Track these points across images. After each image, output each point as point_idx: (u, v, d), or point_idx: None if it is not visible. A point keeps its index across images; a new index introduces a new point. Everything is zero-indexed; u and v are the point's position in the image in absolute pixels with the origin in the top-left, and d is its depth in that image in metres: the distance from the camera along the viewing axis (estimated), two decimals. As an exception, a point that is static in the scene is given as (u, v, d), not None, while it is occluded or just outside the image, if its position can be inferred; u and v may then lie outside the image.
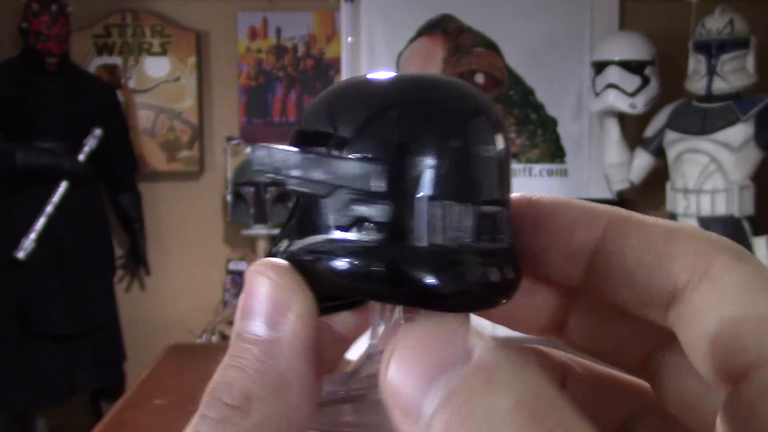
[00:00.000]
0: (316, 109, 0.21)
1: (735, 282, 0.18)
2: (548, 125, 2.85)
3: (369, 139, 0.19)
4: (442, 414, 0.15)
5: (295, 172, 0.20)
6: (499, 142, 0.20)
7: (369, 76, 0.21)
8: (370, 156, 0.19)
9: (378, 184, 0.19)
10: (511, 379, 0.15)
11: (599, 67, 2.54)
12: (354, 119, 0.20)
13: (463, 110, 0.20)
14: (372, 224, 0.19)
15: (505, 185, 0.20)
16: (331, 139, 0.20)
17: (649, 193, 2.76)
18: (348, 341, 0.23)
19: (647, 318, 0.21)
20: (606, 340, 0.23)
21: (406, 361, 0.16)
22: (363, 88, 0.21)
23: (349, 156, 0.19)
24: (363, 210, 0.19)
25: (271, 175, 0.21)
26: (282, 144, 0.21)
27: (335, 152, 0.20)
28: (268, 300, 0.19)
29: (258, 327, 0.19)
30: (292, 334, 0.19)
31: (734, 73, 2.30)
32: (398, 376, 0.16)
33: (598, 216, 0.21)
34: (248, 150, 0.21)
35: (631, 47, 2.52)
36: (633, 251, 0.20)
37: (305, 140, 0.20)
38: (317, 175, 0.20)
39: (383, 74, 0.21)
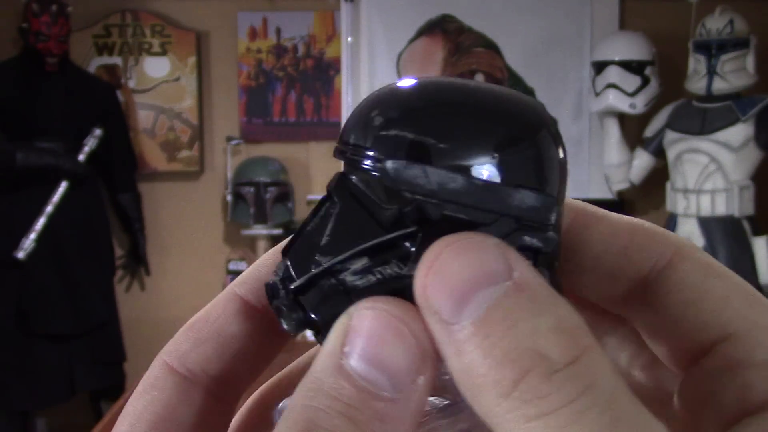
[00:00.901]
0: (452, 128, 0.20)
1: (692, 270, 0.20)
2: (548, 125, 2.85)
3: (539, 171, 0.20)
4: (482, 326, 0.16)
5: (456, 198, 0.19)
6: None
7: (503, 93, 0.21)
8: (538, 187, 0.20)
9: (552, 217, 0.19)
10: (552, 301, 0.17)
11: (599, 67, 2.54)
12: (519, 150, 0.20)
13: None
14: (535, 255, 0.19)
15: None
16: (491, 167, 0.19)
17: (649, 193, 2.76)
18: None
19: (607, 305, 0.22)
20: None
21: (448, 269, 0.17)
22: (507, 110, 0.20)
23: (521, 187, 0.19)
24: (529, 241, 0.19)
25: (420, 198, 0.19)
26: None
27: (500, 180, 0.19)
28: (403, 356, 0.17)
29: (380, 379, 0.17)
30: (417, 401, 0.17)
31: (734, 73, 2.30)
32: (439, 283, 0.17)
33: (566, 207, 0.22)
34: (392, 165, 0.20)
35: (631, 47, 2.52)
36: (599, 241, 0.21)
37: (443, 159, 0.19)
38: (485, 203, 0.19)
39: (516, 94, 0.21)
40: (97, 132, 2.55)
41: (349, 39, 2.85)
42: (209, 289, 2.89)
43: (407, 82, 0.22)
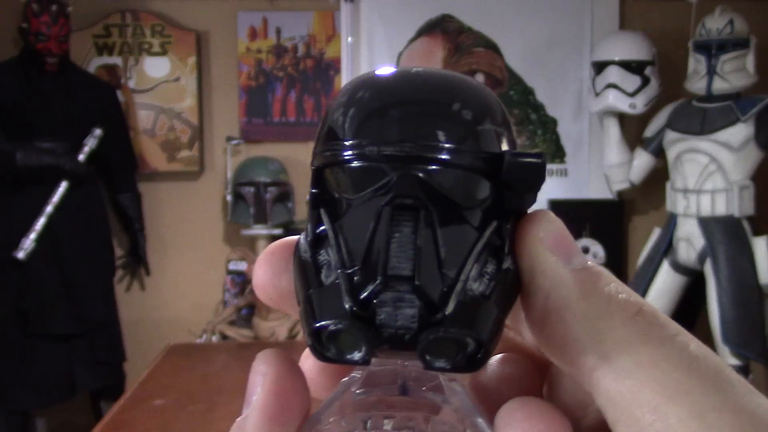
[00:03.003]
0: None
1: None
2: (548, 125, 2.85)
3: None
4: (595, 269, 0.21)
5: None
6: None
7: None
8: None
9: None
10: None
11: (599, 67, 2.54)
12: None
13: None
14: None
15: None
16: None
17: (649, 193, 2.76)
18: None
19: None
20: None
21: (558, 230, 0.21)
22: None
23: None
24: None
25: (521, 191, 0.21)
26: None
27: None
28: None
29: None
30: None
31: (734, 73, 2.30)
32: (554, 237, 0.21)
33: None
34: (541, 161, 0.21)
35: (631, 47, 2.52)
36: None
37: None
38: None
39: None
40: (97, 132, 2.55)
41: (349, 39, 2.85)
42: (209, 289, 2.90)
43: (446, 73, 0.22)
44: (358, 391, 0.20)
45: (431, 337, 0.18)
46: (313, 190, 0.22)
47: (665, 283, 2.41)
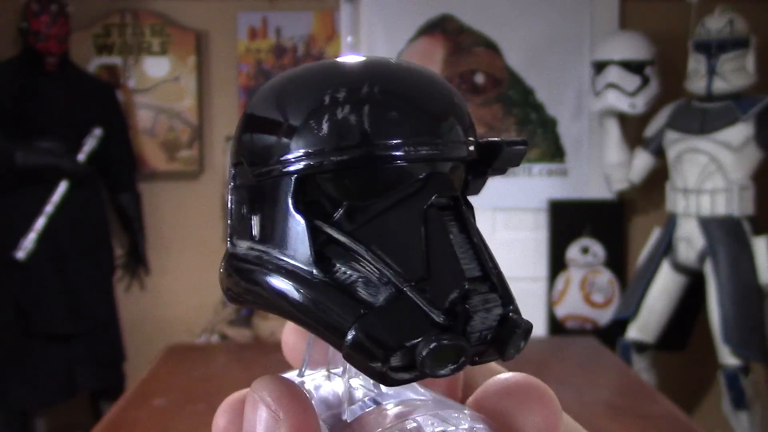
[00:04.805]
0: None
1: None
2: (548, 125, 2.85)
3: None
4: None
5: None
6: None
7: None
8: None
9: None
10: None
11: (599, 67, 2.55)
12: None
13: None
14: None
15: None
16: None
17: (649, 193, 2.76)
18: None
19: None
20: None
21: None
22: None
23: None
24: None
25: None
26: None
27: None
28: None
29: None
30: None
31: (734, 73, 2.30)
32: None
33: None
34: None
35: (631, 47, 2.52)
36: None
37: None
38: None
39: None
40: (97, 132, 2.55)
41: (349, 39, 2.85)
42: (209, 288, 2.90)
43: (404, 63, 0.21)
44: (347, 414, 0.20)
45: (518, 331, 0.18)
46: (291, 200, 0.19)
47: (665, 283, 2.41)
